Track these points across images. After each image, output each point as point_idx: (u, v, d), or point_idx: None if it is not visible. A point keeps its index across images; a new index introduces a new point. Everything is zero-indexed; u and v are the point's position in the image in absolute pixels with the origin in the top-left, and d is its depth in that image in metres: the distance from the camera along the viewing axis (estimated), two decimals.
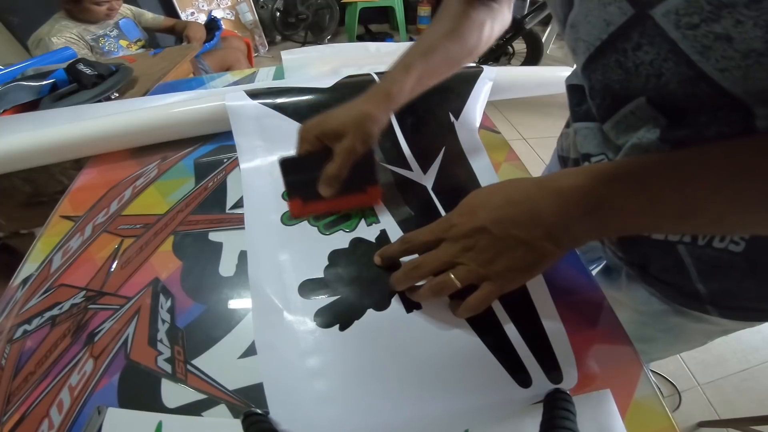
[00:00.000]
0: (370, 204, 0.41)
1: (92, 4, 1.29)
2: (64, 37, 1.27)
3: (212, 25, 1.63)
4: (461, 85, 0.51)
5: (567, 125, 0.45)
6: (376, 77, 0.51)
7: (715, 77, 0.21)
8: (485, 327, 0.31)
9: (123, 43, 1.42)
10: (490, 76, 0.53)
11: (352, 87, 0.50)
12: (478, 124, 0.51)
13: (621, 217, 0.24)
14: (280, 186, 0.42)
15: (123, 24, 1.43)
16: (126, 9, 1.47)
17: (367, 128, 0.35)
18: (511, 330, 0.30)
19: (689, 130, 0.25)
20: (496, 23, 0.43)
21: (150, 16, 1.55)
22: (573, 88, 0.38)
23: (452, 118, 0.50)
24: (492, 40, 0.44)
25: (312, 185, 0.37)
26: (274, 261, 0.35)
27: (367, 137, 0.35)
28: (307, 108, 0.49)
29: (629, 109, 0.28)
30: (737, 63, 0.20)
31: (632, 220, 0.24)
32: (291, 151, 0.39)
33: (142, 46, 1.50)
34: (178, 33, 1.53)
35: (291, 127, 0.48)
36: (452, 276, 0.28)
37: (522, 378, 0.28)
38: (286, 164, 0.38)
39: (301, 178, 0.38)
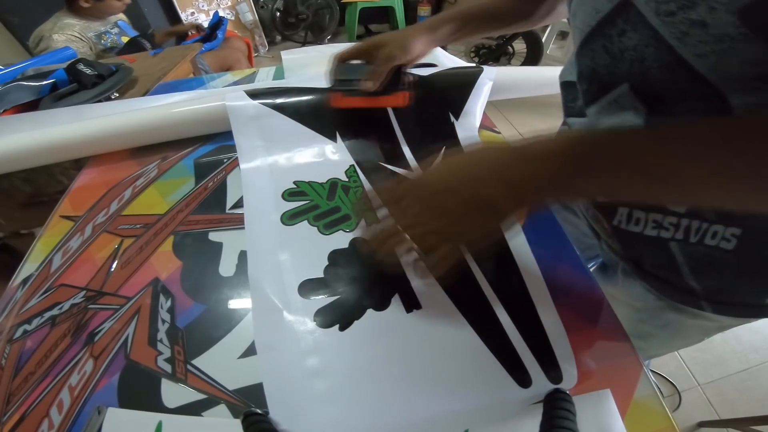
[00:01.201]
0: (399, 104, 0.47)
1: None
2: (66, 35, 1.27)
3: (217, 25, 1.63)
4: (461, 86, 0.51)
5: (564, 123, 0.46)
6: None
7: (692, 62, 0.23)
8: (485, 327, 0.31)
9: (125, 39, 1.43)
10: (490, 77, 0.53)
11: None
12: (478, 124, 0.51)
13: (589, 179, 0.24)
14: (280, 186, 0.42)
15: (122, 24, 1.45)
16: (121, 14, 1.50)
17: (405, 42, 0.44)
18: (511, 330, 0.30)
19: (668, 119, 0.26)
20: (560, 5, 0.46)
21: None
22: (567, 85, 0.39)
23: (452, 119, 0.50)
24: (554, 15, 0.48)
25: (353, 85, 0.46)
26: (274, 261, 0.35)
27: (405, 48, 0.44)
28: (307, 108, 0.49)
29: (613, 97, 0.30)
30: (712, 48, 0.21)
31: (602, 181, 0.24)
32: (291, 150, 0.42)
33: None
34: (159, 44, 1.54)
35: (291, 127, 0.48)
36: (411, 237, 0.28)
37: (522, 378, 0.28)
38: (338, 66, 0.47)
39: (346, 78, 0.46)
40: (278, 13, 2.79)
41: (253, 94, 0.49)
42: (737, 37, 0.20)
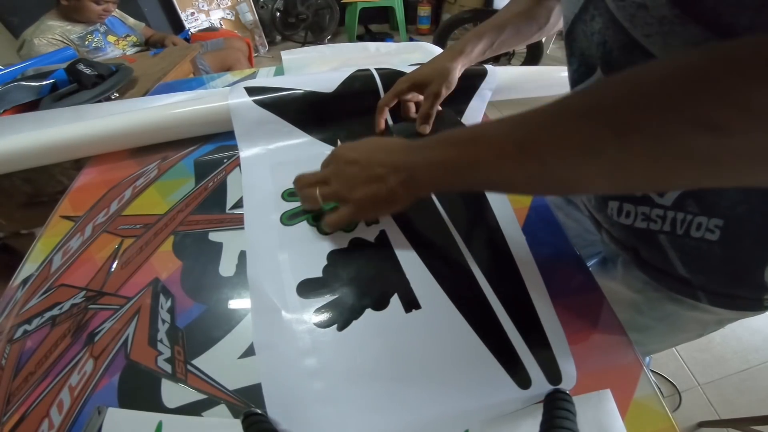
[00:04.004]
0: None
1: (91, 1, 1.29)
2: (46, 39, 1.26)
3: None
4: (465, 88, 0.51)
5: None
6: (375, 72, 0.51)
7: (644, 43, 0.24)
8: (485, 327, 0.31)
9: (111, 38, 1.41)
10: (491, 87, 0.53)
11: (354, 92, 0.50)
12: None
13: (451, 174, 0.28)
14: (280, 186, 0.42)
15: (109, 21, 1.43)
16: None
17: (448, 76, 0.45)
18: (510, 330, 0.30)
19: None
20: None
21: (132, 22, 1.56)
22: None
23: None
24: (559, 26, 0.49)
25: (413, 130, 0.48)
26: (274, 261, 0.35)
27: (448, 83, 0.45)
28: (309, 114, 0.49)
29: (592, 80, 0.31)
30: (657, 29, 0.23)
31: (459, 177, 0.27)
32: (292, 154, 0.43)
33: (135, 44, 1.49)
34: (154, 45, 1.53)
35: (293, 132, 0.48)
36: (317, 191, 0.34)
37: (521, 379, 0.28)
38: (393, 128, 0.49)
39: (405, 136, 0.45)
40: (278, 13, 2.79)
41: (254, 91, 0.49)
42: (674, 19, 0.21)
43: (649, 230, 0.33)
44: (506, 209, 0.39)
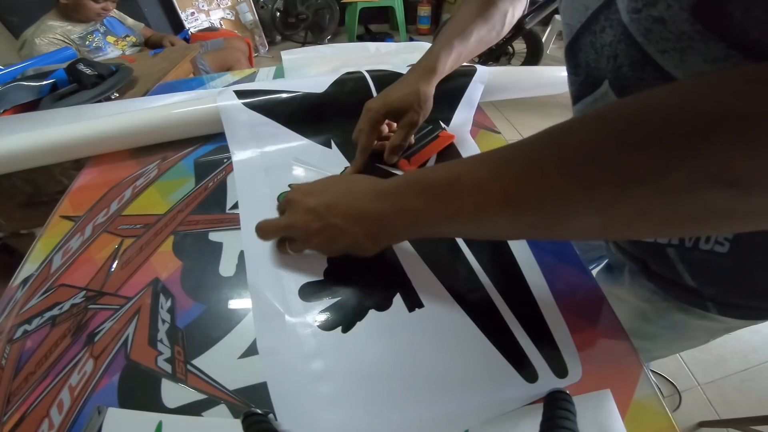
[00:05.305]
0: (449, 141, 0.48)
1: (89, 0, 1.29)
2: (48, 38, 1.26)
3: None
4: (451, 92, 0.50)
5: None
6: (367, 75, 0.51)
7: (658, 60, 0.23)
8: (489, 323, 0.31)
9: (110, 39, 1.42)
10: (482, 80, 0.52)
11: (346, 92, 0.50)
12: (468, 128, 0.51)
13: (425, 225, 0.26)
14: (276, 190, 0.42)
15: (108, 21, 1.43)
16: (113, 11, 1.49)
17: (424, 105, 0.42)
18: (514, 326, 0.30)
19: None
20: (516, 9, 0.48)
21: (131, 22, 1.56)
22: None
23: (442, 125, 0.50)
24: (513, 24, 0.49)
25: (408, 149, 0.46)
26: (273, 265, 0.35)
27: (425, 111, 0.42)
28: (301, 116, 0.49)
29: (597, 95, 0.30)
30: (673, 45, 0.21)
31: (434, 228, 0.26)
32: (285, 157, 0.42)
33: (135, 44, 1.49)
34: (152, 45, 1.53)
35: (285, 135, 0.48)
36: (287, 248, 0.34)
37: (528, 373, 0.28)
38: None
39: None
40: (278, 13, 2.79)
41: (243, 94, 0.48)
42: (694, 35, 0.20)
43: (657, 243, 0.32)
44: None
